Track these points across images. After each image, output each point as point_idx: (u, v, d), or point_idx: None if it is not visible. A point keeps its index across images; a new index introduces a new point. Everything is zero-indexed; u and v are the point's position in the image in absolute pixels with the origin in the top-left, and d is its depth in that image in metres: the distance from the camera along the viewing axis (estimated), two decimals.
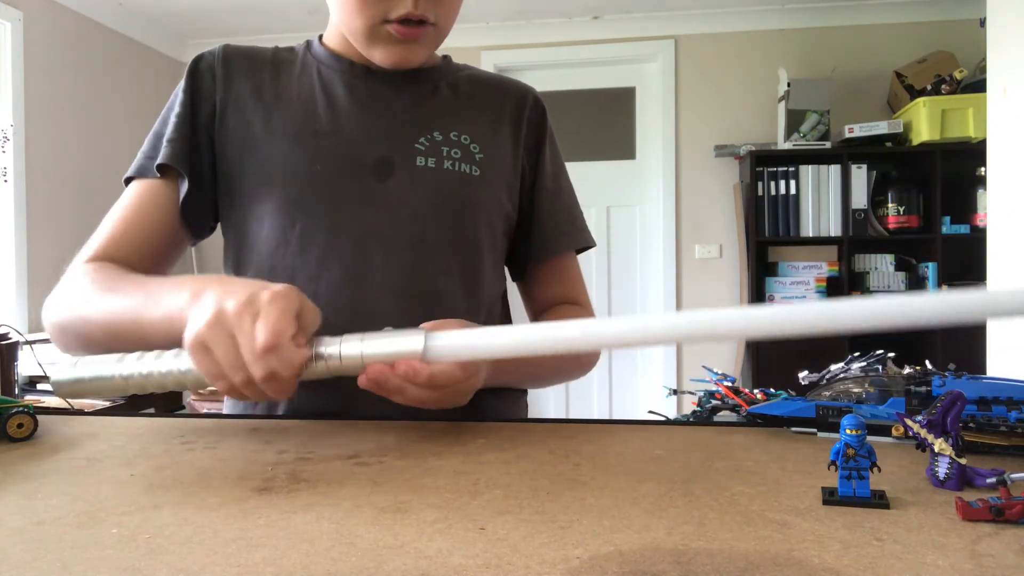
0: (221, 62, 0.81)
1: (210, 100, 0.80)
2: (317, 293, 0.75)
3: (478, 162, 0.81)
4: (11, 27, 2.81)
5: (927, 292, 3.07)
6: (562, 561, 0.35)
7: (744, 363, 3.26)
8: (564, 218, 0.89)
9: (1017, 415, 0.51)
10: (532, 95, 0.90)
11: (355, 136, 0.78)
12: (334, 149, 0.77)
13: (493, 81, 0.90)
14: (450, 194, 0.79)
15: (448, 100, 0.84)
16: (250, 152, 0.78)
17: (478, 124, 0.84)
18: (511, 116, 0.87)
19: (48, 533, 0.40)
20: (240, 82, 0.81)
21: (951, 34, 3.29)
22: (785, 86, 3.16)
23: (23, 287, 2.88)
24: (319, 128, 0.78)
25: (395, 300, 0.76)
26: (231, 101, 0.80)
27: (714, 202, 3.52)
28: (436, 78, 0.85)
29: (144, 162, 0.79)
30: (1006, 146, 1.88)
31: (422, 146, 0.79)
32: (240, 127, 0.79)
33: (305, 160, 0.76)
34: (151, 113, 3.45)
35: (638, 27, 3.52)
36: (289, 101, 0.80)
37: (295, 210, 0.76)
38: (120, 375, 0.57)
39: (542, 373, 0.84)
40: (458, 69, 0.88)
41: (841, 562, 0.34)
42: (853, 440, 0.42)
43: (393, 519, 0.41)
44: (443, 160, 0.79)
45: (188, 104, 0.79)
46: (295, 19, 3.36)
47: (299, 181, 0.76)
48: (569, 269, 0.91)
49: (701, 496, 0.45)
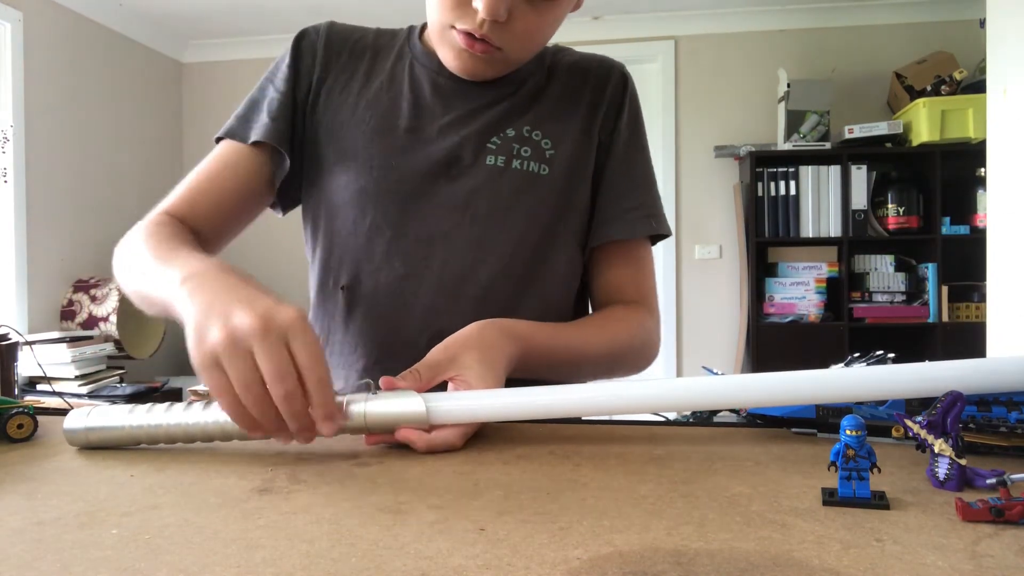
0: (324, 42, 0.83)
1: (308, 79, 0.82)
2: (377, 287, 0.78)
3: (548, 159, 0.80)
4: (11, 27, 2.81)
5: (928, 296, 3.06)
6: (562, 562, 0.35)
7: (744, 363, 3.26)
8: (630, 202, 0.83)
9: (1017, 416, 0.51)
10: (616, 74, 0.86)
11: (432, 134, 0.79)
12: (411, 146, 0.79)
13: (577, 66, 0.86)
14: (513, 195, 0.79)
15: (528, 94, 0.82)
16: (335, 139, 0.80)
17: (553, 117, 0.82)
18: (589, 102, 0.84)
19: (48, 533, 0.39)
20: (337, 66, 0.82)
21: (951, 34, 3.29)
22: (785, 86, 3.16)
23: (23, 287, 2.88)
24: (400, 124, 0.79)
25: (447, 299, 0.77)
26: (326, 84, 0.82)
27: (714, 202, 3.52)
28: (522, 75, 0.83)
29: (237, 126, 0.80)
30: (1006, 146, 1.88)
31: (493, 144, 0.79)
32: (330, 111, 0.81)
33: (382, 155, 0.78)
34: (151, 113, 3.44)
35: (638, 28, 3.52)
36: (379, 92, 0.81)
37: (367, 202, 0.78)
38: (130, 425, 0.57)
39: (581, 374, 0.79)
40: (544, 56, 0.85)
41: (841, 563, 0.34)
42: (853, 441, 0.42)
43: (393, 519, 0.41)
44: (512, 159, 0.79)
45: (290, 80, 0.81)
46: (295, 19, 3.36)
47: (374, 174, 0.78)
48: (632, 258, 0.85)
49: (701, 496, 0.45)
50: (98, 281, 3.06)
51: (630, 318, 0.83)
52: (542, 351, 0.72)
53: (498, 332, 0.67)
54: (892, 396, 0.54)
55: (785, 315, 3.19)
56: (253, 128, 0.79)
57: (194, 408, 0.56)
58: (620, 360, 0.81)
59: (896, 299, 3.15)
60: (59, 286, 3.05)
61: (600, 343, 0.78)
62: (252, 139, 0.78)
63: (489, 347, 0.65)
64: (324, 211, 0.82)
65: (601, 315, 0.84)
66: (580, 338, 0.77)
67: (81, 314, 3.01)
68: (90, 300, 3.01)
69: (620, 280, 0.85)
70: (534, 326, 0.73)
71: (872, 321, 3.12)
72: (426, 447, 0.55)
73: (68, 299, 3.04)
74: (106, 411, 0.58)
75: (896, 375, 0.53)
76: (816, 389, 0.54)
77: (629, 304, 0.84)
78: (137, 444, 0.58)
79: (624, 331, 0.81)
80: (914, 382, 0.53)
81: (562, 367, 0.75)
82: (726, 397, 0.55)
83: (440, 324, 0.75)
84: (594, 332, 0.79)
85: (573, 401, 0.56)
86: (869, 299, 3.15)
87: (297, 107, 0.81)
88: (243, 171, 0.79)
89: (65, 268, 3.06)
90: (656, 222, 0.84)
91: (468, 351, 0.63)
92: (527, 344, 0.70)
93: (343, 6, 3.25)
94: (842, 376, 0.54)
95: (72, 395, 2.62)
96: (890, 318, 3.12)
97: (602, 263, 0.85)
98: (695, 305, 3.55)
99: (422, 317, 0.77)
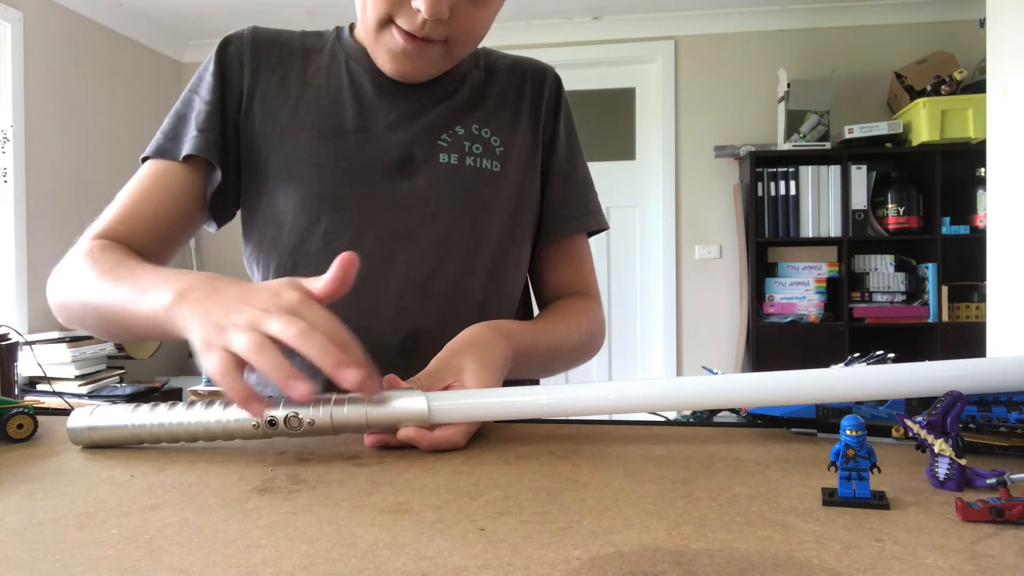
0: (250, 48, 0.80)
1: (237, 88, 0.79)
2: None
3: (499, 156, 0.81)
4: (11, 27, 2.81)
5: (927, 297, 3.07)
6: (562, 562, 0.35)
7: (744, 363, 3.26)
8: (574, 200, 0.88)
9: (1017, 416, 0.51)
10: (551, 76, 0.89)
11: (380, 134, 0.78)
12: (360, 147, 0.77)
13: (514, 67, 0.88)
14: (471, 192, 0.79)
15: (471, 93, 0.83)
16: (276, 146, 0.78)
17: (499, 116, 0.84)
18: (531, 102, 0.86)
19: (48, 533, 0.39)
20: (268, 71, 0.80)
21: (951, 34, 3.29)
22: (785, 87, 3.16)
23: (23, 287, 2.88)
24: (346, 125, 0.78)
25: (416, 298, 0.77)
26: (258, 90, 0.79)
27: (714, 202, 3.52)
28: (460, 73, 0.84)
29: (165, 143, 0.78)
30: (1006, 146, 1.88)
31: (444, 142, 0.79)
32: (266, 119, 0.78)
33: (331, 157, 0.76)
34: (151, 113, 3.44)
35: (638, 28, 3.52)
36: (317, 94, 0.79)
37: (320, 206, 0.76)
38: (132, 424, 0.57)
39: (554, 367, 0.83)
40: (479, 57, 0.87)
41: (841, 563, 0.34)
42: (853, 441, 0.42)
43: (393, 519, 0.41)
44: (465, 156, 0.79)
45: (217, 90, 0.78)
46: (294, 20, 3.36)
47: (325, 178, 0.76)
48: (578, 253, 0.89)
49: (701, 496, 0.45)
50: None
51: (588, 309, 0.87)
52: (528, 348, 0.73)
53: (492, 332, 0.68)
54: (891, 396, 0.54)
55: (785, 315, 3.19)
56: (183, 143, 0.76)
57: (196, 408, 0.56)
58: (585, 350, 0.85)
59: (896, 299, 3.15)
60: None
61: (571, 336, 0.82)
62: (183, 154, 0.76)
63: (484, 347, 0.65)
64: (270, 222, 0.79)
65: (564, 308, 0.86)
66: (556, 333, 0.80)
67: None
68: None
69: (568, 274, 0.89)
70: (519, 325, 0.75)
71: (872, 321, 3.12)
72: (429, 445, 0.55)
73: None
74: (109, 410, 0.58)
75: (895, 375, 0.53)
76: (815, 389, 0.54)
77: (581, 295, 0.88)
78: (140, 443, 0.58)
79: (586, 322, 0.85)
80: (913, 382, 0.53)
81: (540, 362, 0.77)
82: (725, 396, 0.55)
83: (412, 323, 0.76)
84: (565, 325, 0.82)
85: (575, 400, 0.57)
86: (869, 299, 3.15)
87: (228, 117, 0.78)
88: (177, 188, 0.77)
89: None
90: (599, 219, 0.89)
91: (464, 355, 0.64)
92: (517, 342, 0.71)
93: (342, 7, 3.25)
94: (841, 376, 0.54)
95: (72, 395, 2.62)
96: (890, 318, 3.12)
97: (551, 259, 0.89)
98: (695, 305, 3.55)
99: (393, 318, 0.76)
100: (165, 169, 0.77)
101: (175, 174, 0.77)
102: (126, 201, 0.77)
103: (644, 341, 3.63)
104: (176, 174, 0.77)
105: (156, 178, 0.77)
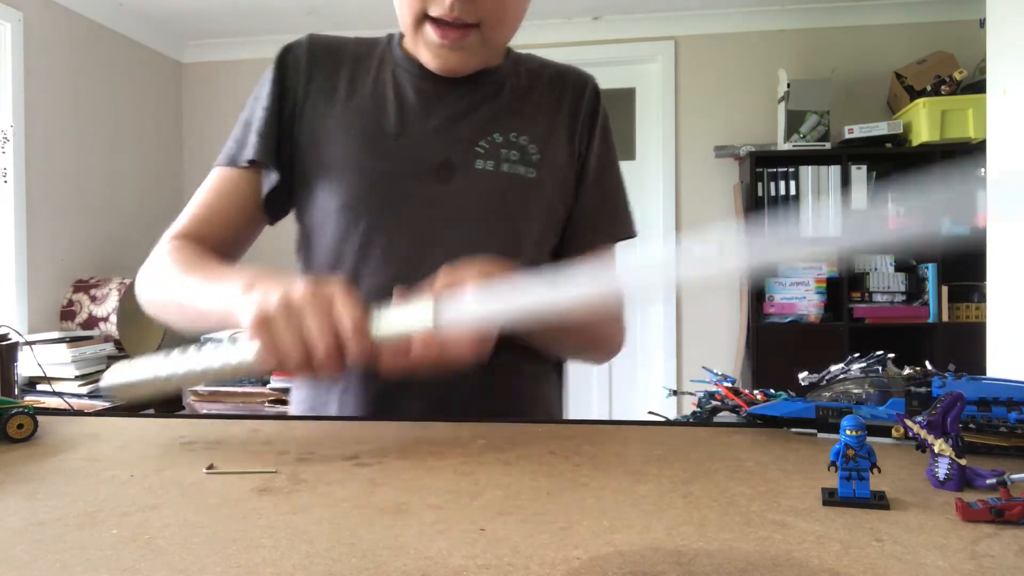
0: (306, 55, 0.84)
1: (293, 93, 0.83)
2: (371, 292, 0.78)
3: (535, 163, 0.82)
4: (11, 27, 2.81)
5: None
6: (562, 562, 0.35)
7: (744, 364, 3.26)
8: (605, 210, 0.88)
9: (1017, 416, 0.51)
10: (591, 86, 0.89)
11: (419, 139, 0.80)
12: (399, 152, 0.80)
13: (554, 74, 0.89)
14: (506, 198, 0.81)
15: (509, 99, 0.85)
16: (322, 147, 0.81)
17: (537, 123, 0.85)
18: (568, 111, 0.87)
19: (48, 533, 0.39)
20: (321, 77, 0.83)
21: (951, 34, 3.29)
22: (785, 87, 3.16)
23: (23, 287, 2.88)
24: (387, 130, 0.80)
25: None
26: (311, 95, 0.83)
27: (714, 203, 3.52)
28: (500, 78, 0.85)
29: (234, 151, 0.83)
30: (1006, 146, 1.88)
31: (482, 149, 0.81)
32: (315, 121, 0.82)
33: (372, 160, 0.79)
34: (151, 113, 3.44)
35: (638, 28, 3.52)
36: (363, 99, 0.82)
37: (360, 208, 0.79)
38: (162, 375, 0.60)
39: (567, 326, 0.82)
40: (521, 62, 0.88)
41: (841, 563, 0.34)
42: (853, 441, 0.42)
43: (393, 519, 0.41)
44: (501, 163, 0.81)
45: (275, 96, 0.83)
46: (295, 20, 3.35)
47: (365, 181, 0.79)
48: (605, 262, 0.88)
49: (701, 497, 0.45)
50: (98, 281, 3.06)
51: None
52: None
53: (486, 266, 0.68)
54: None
55: (785, 315, 3.19)
56: (246, 149, 0.82)
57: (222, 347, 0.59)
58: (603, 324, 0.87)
59: (896, 299, 3.14)
60: (59, 286, 3.05)
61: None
62: (245, 160, 0.81)
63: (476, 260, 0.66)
64: (315, 221, 0.82)
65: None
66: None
67: (81, 314, 3.01)
68: (90, 300, 3.01)
69: None
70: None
71: (872, 321, 3.12)
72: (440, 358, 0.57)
73: (68, 299, 3.04)
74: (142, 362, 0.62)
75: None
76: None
77: None
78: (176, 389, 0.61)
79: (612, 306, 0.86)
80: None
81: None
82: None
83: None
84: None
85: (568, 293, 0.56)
86: (869, 299, 3.15)
87: (284, 120, 0.83)
88: (241, 194, 0.83)
89: (65, 268, 3.06)
90: (624, 227, 0.90)
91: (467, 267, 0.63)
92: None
93: (342, 7, 3.25)
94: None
95: (72, 395, 2.62)
96: (890, 318, 3.12)
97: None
98: (695, 305, 3.55)
99: None
100: (231, 176, 0.83)
101: (239, 180, 0.83)
102: (197, 206, 0.83)
103: (644, 341, 3.64)
104: (240, 180, 0.83)
105: (223, 185, 0.83)
